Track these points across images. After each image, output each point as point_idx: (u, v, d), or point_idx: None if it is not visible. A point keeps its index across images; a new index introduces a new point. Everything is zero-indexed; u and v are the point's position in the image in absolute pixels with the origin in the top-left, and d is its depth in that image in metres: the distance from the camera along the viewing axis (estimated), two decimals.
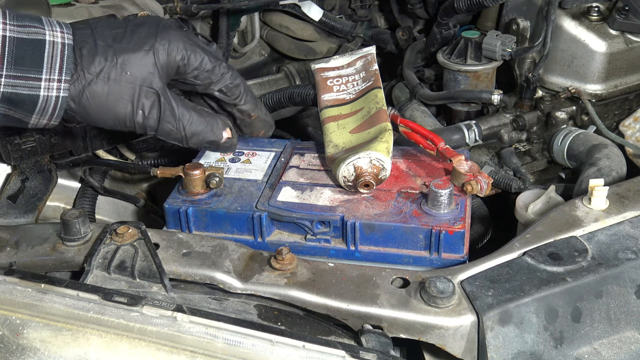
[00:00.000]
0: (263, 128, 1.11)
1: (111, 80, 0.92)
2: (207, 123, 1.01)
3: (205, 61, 0.98)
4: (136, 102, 0.94)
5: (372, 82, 1.28)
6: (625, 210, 1.05)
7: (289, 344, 0.81)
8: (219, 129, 1.02)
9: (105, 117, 0.94)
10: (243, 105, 1.05)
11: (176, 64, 0.96)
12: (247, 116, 1.07)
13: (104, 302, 0.84)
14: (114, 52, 0.93)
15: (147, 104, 0.94)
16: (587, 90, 1.47)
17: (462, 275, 0.96)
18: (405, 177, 1.18)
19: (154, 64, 0.94)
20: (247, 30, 1.97)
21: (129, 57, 0.93)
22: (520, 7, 1.55)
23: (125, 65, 0.93)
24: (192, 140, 1.00)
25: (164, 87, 0.96)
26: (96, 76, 0.91)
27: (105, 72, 0.92)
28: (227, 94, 1.03)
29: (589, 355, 0.91)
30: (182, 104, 0.98)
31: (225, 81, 1.01)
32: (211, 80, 1.00)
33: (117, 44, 0.93)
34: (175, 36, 0.96)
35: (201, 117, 1.00)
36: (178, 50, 0.96)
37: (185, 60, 0.97)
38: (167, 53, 0.95)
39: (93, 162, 1.34)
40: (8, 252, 1.01)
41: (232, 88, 1.02)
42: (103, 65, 0.92)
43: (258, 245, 1.10)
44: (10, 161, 1.26)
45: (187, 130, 0.98)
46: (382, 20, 2.01)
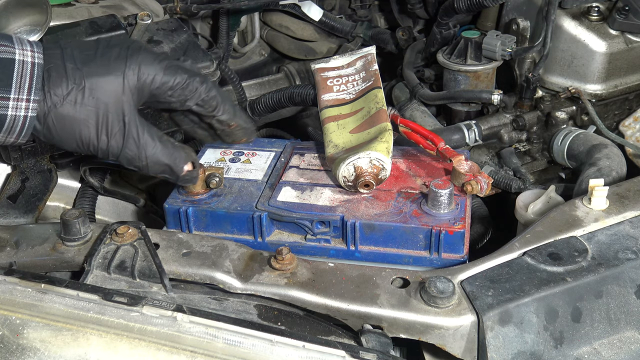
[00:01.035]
0: (244, 135, 1.10)
1: (77, 104, 0.91)
2: (170, 154, 1.00)
3: (178, 79, 0.97)
4: (101, 127, 0.93)
5: (372, 82, 1.28)
6: (625, 210, 1.05)
7: (289, 344, 0.81)
8: (181, 162, 1.02)
9: (69, 139, 0.94)
10: (221, 115, 1.04)
11: (147, 86, 0.96)
12: (226, 126, 1.06)
13: (104, 302, 0.84)
14: (82, 76, 0.92)
15: (111, 131, 0.94)
16: (587, 90, 1.47)
17: (462, 275, 0.96)
18: (405, 177, 1.18)
19: (123, 88, 0.94)
20: (247, 30, 1.97)
21: (97, 81, 0.92)
22: (520, 7, 1.55)
23: (93, 90, 0.92)
24: (153, 169, 1.00)
25: (131, 112, 0.95)
26: (63, 99, 0.91)
27: (72, 96, 0.91)
28: (204, 107, 1.02)
29: (589, 355, 0.91)
30: (148, 132, 0.97)
31: (200, 95, 1.00)
32: (186, 97, 0.99)
33: (86, 67, 0.93)
34: (145, 59, 0.95)
35: (165, 148, 0.99)
36: (149, 74, 0.95)
37: (157, 82, 0.96)
38: (138, 77, 0.94)
39: (93, 162, 1.34)
40: (8, 252, 1.01)
41: (208, 100, 1.01)
42: (71, 88, 0.91)
43: (258, 245, 1.10)
44: (10, 161, 1.26)
45: (149, 159, 0.98)
46: (382, 20, 2.01)
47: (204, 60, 1.40)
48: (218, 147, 1.29)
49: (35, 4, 1.29)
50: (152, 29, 1.46)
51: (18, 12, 1.28)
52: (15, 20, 1.29)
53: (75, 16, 1.48)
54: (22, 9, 1.28)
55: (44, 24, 1.30)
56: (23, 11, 1.29)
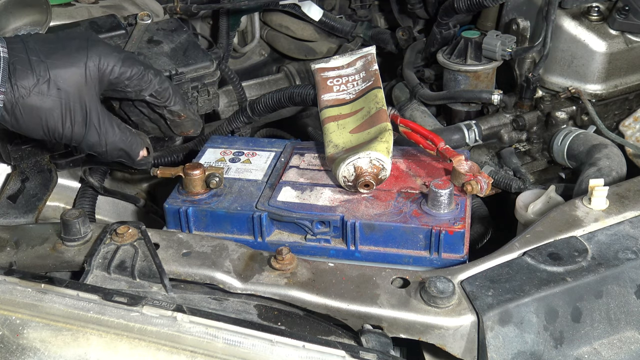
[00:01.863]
0: (192, 127, 1.16)
1: (43, 95, 0.97)
2: (128, 141, 1.07)
3: (134, 71, 1.04)
4: (65, 116, 0.99)
5: (372, 82, 1.28)
6: (625, 210, 1.05)
7: (289, 344, 0.81)
8: (137, 147, 1.09)
9: (36, 128, 0.99)
10: (172, 106, 1.11)
11: (107, 76, 1.01)
12: (176, 116, 1.12)
13: (104, 302, 0.84)
14: (47, 68, 0.97)
15: (74, 118, 1.00)
16: (587, 90, 1.47)
17: (462, 275, 0.96)
18: (405, 177, 1.18)
19: (85, 79, 0.99)
20: (247, 30, 1.97)
21: (60, 72, 0.97)
22: (520, 7, 1.55)
23: (57, 81, 0.97)
24: (112, 154, 1.06)
25: (93, 101, 1.01)
26: (29, 90, 0.96)
27: (38, 87, 0.96)
28: (157, 98, 1.08)
29: (589, 355, 0.91)
30: (108, 120, 1.04)
31: (154, 87, 1.07)
32: (141, 87, 1.06)
33: (49, 60, 0.98)
34: (105, 51, 1.01)
35: (123, 134, 1.06)
36: (108, 64, 1.01)
37: (116, 73, 1.02)
38: (98, 68, 1.00)
39: (93, 162, 1.34)
40: (8, 252, 1.01)
41: (161, 92, 1.08)
42: (36, 80, 0.96)
43: (258, 245, 1.10)
44: (10, 161, 1.26)
45: (109, 145, 1.04)
46: (382, 20, 2.01)
47: (204, 60, 1.40)
48: (218, 147, 1.29)
49: (35, 4, 1.29)
50: (152, 29, 1.46)
51: (18, 12, 1.28)
52: (15, 20, 1.29)
53: (75, 16, 1.48)
54: (22, 9, 1.28)
55: (44, 24, 1.30)
56: (23, 11, 1.29)
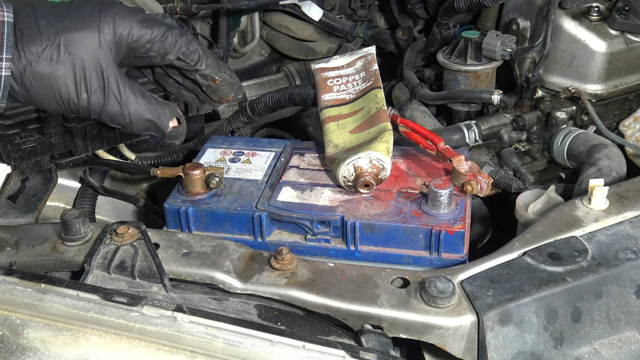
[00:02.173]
0: (231, 91, 1.06)
1: (53, 61, 0.89)
2: (154, 110, 0.98)
3: (155, 32, 0.95)
4: (80, 84, 0.91)
5: (372, 82, 1.28)
6: (625, 210, 1.05)
7: (289, 344, 0.81)
8: (166, 118, 1.00)
9: (48, 99, 0.92)
10: (205, 69, 1.01)
11: (124, 40, 0.93)
12: (211, 81, 1.03)
13: (104, 302, 0.84)
14: (57, 32, 0.90)
15: (91, 87, 0.92)
16: (587, 90, 1.47)
17: (462, 275, 0.96)
18: (405, 177, 1.18)
19: (100, 43, 0.91)
20: (247, 30, 1.97)
21: (72, 36, 0.90)
22: (520, 7, 1.55)
23: (68, 45, 0.90)
24: (137, 126, 0.97)
25: (111, 67, 0.93)
26: (38, 56, 0.89)
27: (47, 53, 0.89)
28: (186, 60, 0.99)
29: (589, 355, 0.91)
30: (129, 88, 0.95)
31: (180, 48, 0.98)
32: (166, 50, 0.97)
33: (59, 23, 0.90)
34: (120, 12, 0.94)
35: (149, 103, 0.97)
36: (124, 27, 0.93)
37: (134, 35, 0.94)
38: (113, 31, 0.92)
39: (93, 162, 1.34)
40: (8, 252, 1.01)
41: (189, 54, 0.99)
42: (45, 44, 0.89)
43: (258, 245, 1.10)
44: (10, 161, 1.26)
45: (132, 115, 0.96)
46: (382, 20, 2.01)
47: None
48: (218, 147, 1.29)
49: None
50: None
51: None
52: None
53: None
54: None
55: None
56: None
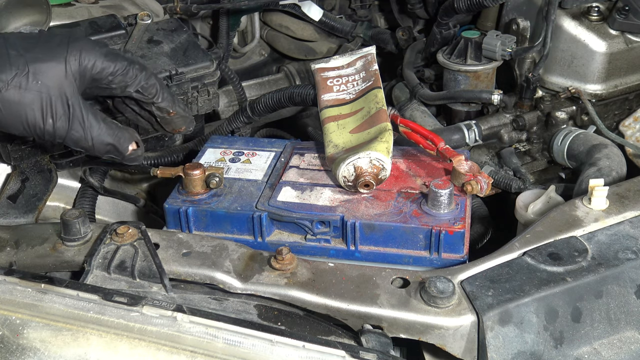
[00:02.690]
0: (183, 124, 1.13)
1: (22, 89, 0.94)
2: (115, 135, 1.03)
3: (118, 66, 1.01)
4: (46, 110, 0.96)
5: (372, 82, 1.28)
6: (625, 210, 1.05)
7: (289, 344, 0.81)
8: (126, 142, 1.05)
9: (16, 123, 0.96)
10: (160, 102, 1.08)
11: (89, 71, 0.99)
12: (165, 113, 1.10)
13: (104, 302, 0.84)
14: (26, 62, 0.95)
15: (56, 113, 0.97)
16: (587, 90, 1.47)
17: (462, 275, 0.96)
18: (405, 177, 1.18)
19: (66, 73, 0.97)
20: (247, 30, 1.97)
21: (40, 66, 0.95)
22: (520, 7, 1.55)
23: (37, 75, 0.95)
24: (99, 149, 1.03)
25: (75, 95, 0.98)
26: (7, 84, 0.93)
27: (16, 81, 0.94)
28: (144, 94, 1.06)
29: (589, 355, 0.91)
30: (92, 114, 1.00)
31: (139, 82, 1.04)
32: (126, 83, 1.03)
33: (29, 54, 0.96)
34: (86, 45, 0.99)
35: (110, 129, 1.03)
36: (89, 59, 0.99)
37: (98, 67, 1.00)
38: (79, 62, 0.98)
39: (93, 162, 1.34)
40: (8, 252, 1.01)
41: (147, 88, 1.05)
42: (14, 73, 0.94)
43: (258, 245, 1.10)
44: (10, 161, 1.26)
45: (95, 139, 1.01)
46: (382, 20, 2.01)
47: (204, 60, 1.40)
48: (218, 147, 1.29)
49: (35, 4, 1.29)
50: (152, 29, 1.46)
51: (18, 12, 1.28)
52: (15, 20, 1.29)
53: (75, 16, 1.48)
54: (22, 9, 1.28)
55: (44, 24, 1.30)
56: (23, 11, 1.29)
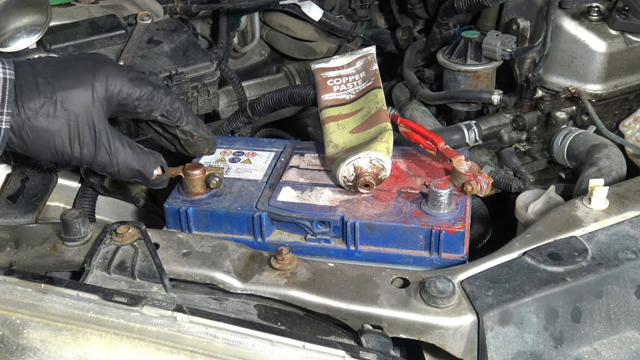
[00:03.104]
0: (206, 147, 1.18)
1: (50, 117, 0.97)
2: (140, 160, 1.06)
3: (144, 91, 1.04)
4: (73, 137, 0.99)
5: (372, 82, 1.28)
6: (625, 210, 1.05)
7: (289, 344, 0.81)
8: (151, 167, 1.08)
9: (44, 150, 0.99)
10: (185, 126, 1.11)
11: (115, 97, 1.01)
12: (189, 136, 1.14)
13: (104, 302, 0.84)
14: (53, 90, 0.97)
15: (83, 140, 0.99)
16: (587, 90, 1.47)
17: (462, 275, 0.96)
18: (405, 177, 1.18)
19: (93, 100, 0.99)
20: (247, 30, 1.97)
21: (67, 94, 0.97)
22: (520, 7, 1.55)
23: (64, 103, 0.97)
24: (125, 174, 1.06)
25: (102, 122, 1.00)
26: (36, 112, 0.96)
27: (45, 109, 0.96)
28: (169, 118, 1.08)
29: (589, 355, 0.91)
30: (118, 140, 1.03)
31: (165, 106, 1.07)
32: (151, 108, 1.06)
33: (56, 82, 0.98)
34: (112, 71, 1.01)
35: (135, 154, 1.05)
36: (116, 85, 1.01)
37: (124, 93, 1.02)
38: (106, 89, 1.00)
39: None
40: (8, 252, 1.01)
41: (172, 112, 1.08)
42: (43, 101, 0.96)
43: (258, 245, 1.10)
44: (10, 161, 1.26)
45: (121, 165, 1.04)
46: (382, 20, 2.01)
47: (204, 60, 1.40)
48: (218, 147, 1.28)
49: (35, 4, 1.29)
50: (152, 29, 1.47)
51: (18, 12, 1.28)
52: (15, 20, 1.29)
53: (75, 16, 1.48)
54: (22, 9, 1.28)
55: (44, 24, 1.30)
56: (23, 11, 1.29)
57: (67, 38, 1.38)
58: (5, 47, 1.28)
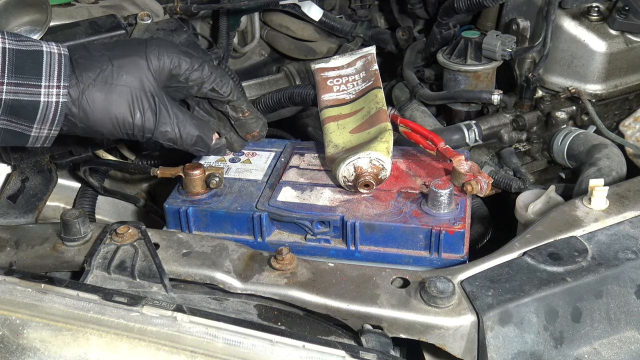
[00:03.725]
0: (257, 126, 1.15)
1: (108, 84, 0.97)
2: (200, 125, 1.07)
3: (194, 63, 1.04)
4: (133, 103, 0.99)
5: (372, 82, 1.28)
6: (625, 210, 1.05)
7: (289, 344, 0.81)
8: (209, 132, 1.09)
9: (104, 119, 0.98)
10: (235, 101, 1.10)
11: (167, 67, 1.02)
12: (240, 113, 1.12)
13: (104, 302, 0.84)
14: (109, 58, 0.99)
15: (144, 106, 1.00)
16: (587, 90, 1.47)
17: (462, 275, 0.96)
18: (405, 177, 1.18)
19: (148, 68, 1.00)
20: (247, 30, 1.97)
21: (123, 61, 0.99)
22: (520, 7, 1.55)
23: (121, 69, 0.98)
24: (187, 141, 1.06)
25: (158, 89, 1.02)
26: (94, 80, 0.97)
27: (102, 76, 0.97)
28: (219, 92, 1.08)
29: (589, 355, 0.91)
30: (176, 106, 1.04)
31: (215, 79, 1.07)
32: (202, 80, 1.06)
33: (111, 52, 1.00)
34: (163, 43, 1.04)
35: (194, 119, 1.06)
36: (168, 55, 1.02)
37: (176, 63, 1.03)
38: (158, 58, 1.01)
39: (93, 162, 1.34)
40: (8, 252, 1.01)
41: (222, 85, 1.08)
42: (99, 69, 0.97)
43: (258, 245, 1.10)
44: (10, 161, 1.26)
45: (182, 131, 1.04)
46: (382, 20, 2.01)
47: None
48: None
49: (35, 4, 1.29)
50: (152, 29, 1.46)
51: (18, 12, 1.28)
52: (15, 20, 1.29)
53: (75, 16, 1.48)
54: (22, 9, 1.28)
55: (44, 24, 1.30)
56: (23, 11, 1.29)
57: (67, 38, 1.38)
58: None
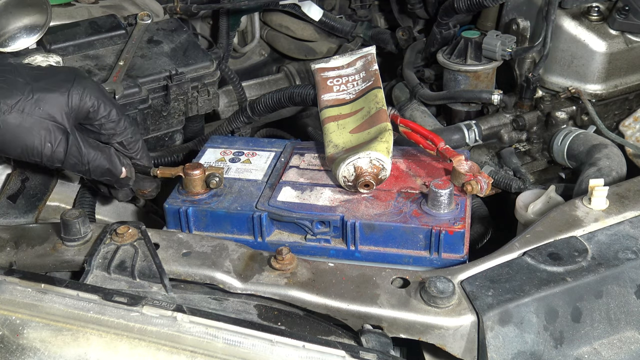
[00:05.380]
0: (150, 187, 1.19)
1: (25, 113, 0.99)
2: (110, 158, 1.09)
3: (113, 113, 1.07)
4: (45, 136, 1.01)
5: (372, 82, 1.28)
6: (625, 210, 1.05)
7: (289, 344, 0.81)
8: (119, 165, 1.11)
9: (14, 146, 1.00)
10: (139, 160, 1.13)
11: (87, 109, 1.05)
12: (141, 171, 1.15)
13: (104, 302, 0.84)
14: (32, 90, 1.00)
15: (55, 139, 1.02)
16: (587, 90, 1.47)
17: (462, 275, 0.96)
18: (405, 177, 1.18)
19: (67, 105, 1.02)
20: (247, 30, 1.97)
21: (44, 95, 1.01)
22: (520, 7, 1.55)
23: (40, 102, 1.00)
24: (95, 172, 1.08)
25: (72, 126, 1.04)
26: (10, 108, 0.98)
27: (20, 105, 0.99)
28: (127, 148, 1.11)
29: (589, 355, 0.91)
30: (86, 142, 1.06)
31: (127, 135, 1.10)
32: (115, 132, 1.08)
33: (35, 83, 1.01)
34: (90, 85, 1.05)
35: (104, 153, 1.08)
36: (90, 98, 1.04)
37: (96, 107, 1.05)
38: (80, 98, 1.04)
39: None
40: (8, 252, 1.01)
41: (131, 142, 1.11)
42: (19, 98, 0.99)
43: (258, 245, 1.10)
44: (11, 161, 1.26)
45: (91, 164, 1.07)
46: (382, 20, 2.01)
47: (204, 60, 1.40)
48: (218, 147, 1.29)
49: (35, 4, 1.29)
50: (152, 29, 1.47)
51: (18, 12, 1.28)
52: (15, 20, 1.29)
53: (75, 16, 1.49)
54: (22, 9, 1.29)
55: (44, 24, 1.30)
56: (23, 11, 1.29)
57: (67, 38, 1.38)
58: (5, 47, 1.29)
